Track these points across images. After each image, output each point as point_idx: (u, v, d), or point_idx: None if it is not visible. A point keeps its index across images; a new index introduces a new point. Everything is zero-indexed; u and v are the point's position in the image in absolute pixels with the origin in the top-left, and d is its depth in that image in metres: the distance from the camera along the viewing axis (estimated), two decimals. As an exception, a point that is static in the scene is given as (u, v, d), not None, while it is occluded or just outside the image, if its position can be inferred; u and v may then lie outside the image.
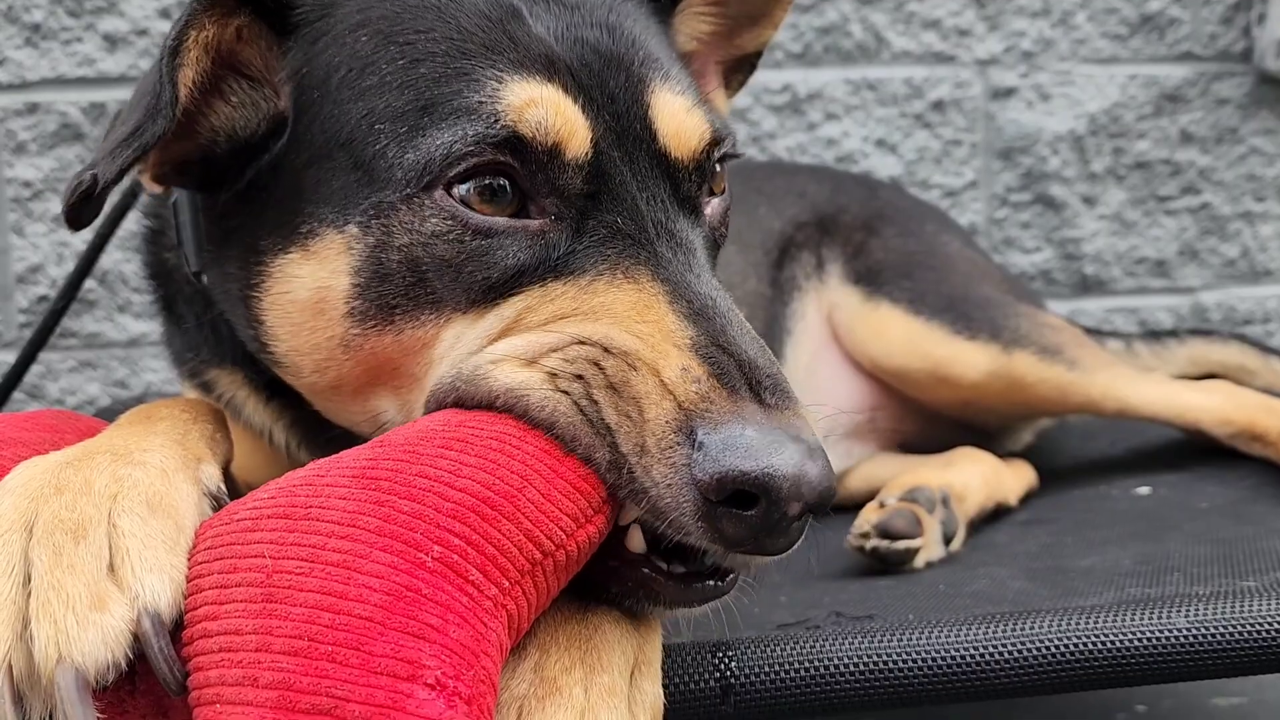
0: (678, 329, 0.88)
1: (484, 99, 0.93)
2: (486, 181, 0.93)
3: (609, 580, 0.89)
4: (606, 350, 0.87)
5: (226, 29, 0.99)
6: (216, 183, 1.04)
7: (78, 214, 0.95)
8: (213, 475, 0.91)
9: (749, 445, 0.81)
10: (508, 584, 0.78)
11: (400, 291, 0.95)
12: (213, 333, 1.19)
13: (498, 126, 0.92)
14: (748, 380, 0.86)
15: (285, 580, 0.73)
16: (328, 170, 0.98)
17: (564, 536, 0.81)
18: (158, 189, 1.09)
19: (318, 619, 0.71)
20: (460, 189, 0.93)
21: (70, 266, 2.24)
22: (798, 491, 0.80)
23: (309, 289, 0.98)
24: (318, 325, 0.99)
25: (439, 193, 0.93)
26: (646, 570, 0.88)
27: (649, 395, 0.85)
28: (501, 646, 0.77)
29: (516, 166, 0.93)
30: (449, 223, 0.93)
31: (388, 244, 0.94)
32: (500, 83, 0.94)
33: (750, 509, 0.81)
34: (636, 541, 0.88)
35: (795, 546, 0.85)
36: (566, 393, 0.86)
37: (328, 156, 0.98)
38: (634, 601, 0.89)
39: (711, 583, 0.89)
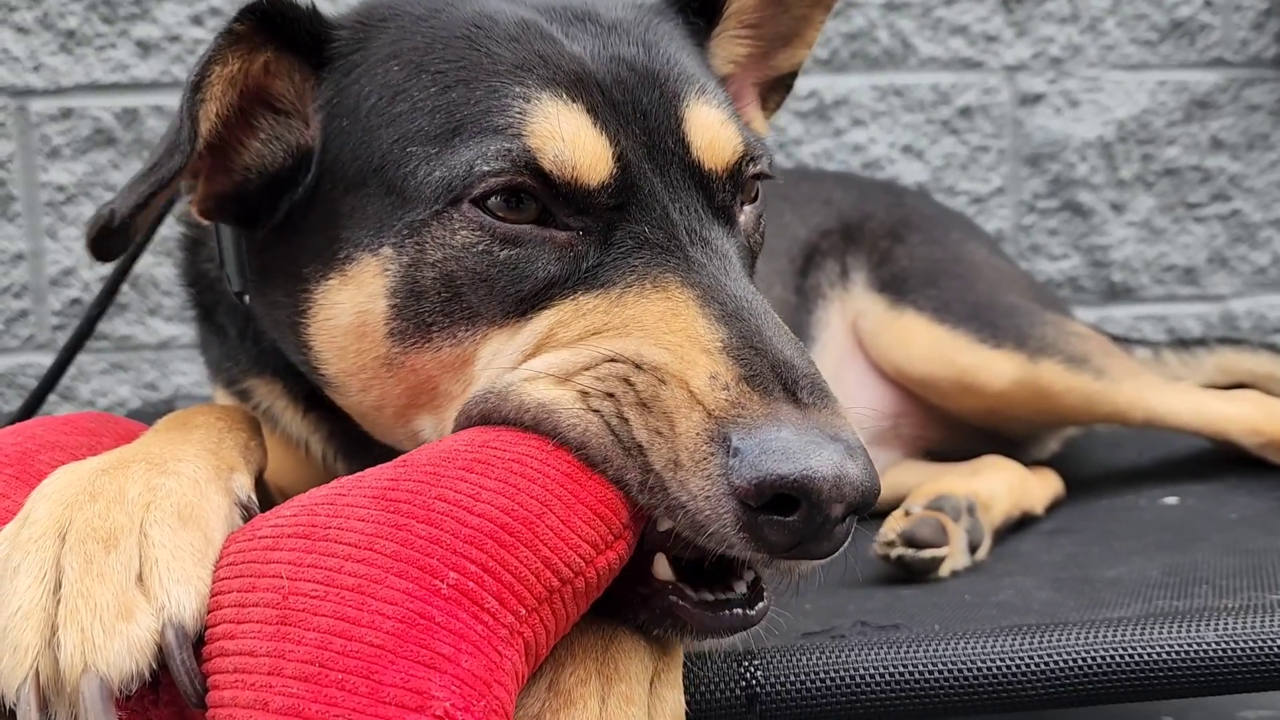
0: (706, 333, 0.88)
1: (509, 120, 0.94)
2: (510, 194, 0.94)
3: (637, 609, 0.88)
4: (638, 366, 0.87)
5: (253, 63, 1.01)
6: (253, 218, 1.06)
7: (101, 247, 0.97)
8: (244, 485, 0.92)
9: (785, 447, 0.79)
10: (524, 611, 0.77)
11: (436, 308, 0.96)
12: (254, 343, 1.20)
13: (520, 147, 0.93)
14: (782, 380, 0.84)
15: (300, 603, 0.73)
16: (361, 197, 0.99)
17: (583, 564, 0.81)
18: (206, 223, 1.12)
19: (330, 645, 0.71)
20: (486, 201, 0.94)
21: (103, 270, 2.27)
22: (839, 492, 0.79)
23: (350, 313, 1.00)
24: (361, 347, 1.00)
25: (466, 205, 0.94)
26: (674, 598, 0.87)
27: (679, 409, 0.84)
28: (517, 674, 0.77)
29: (537, 187, 0.94)
30: (478, 234, 0.94)
31: (421, 261, 0.95)
32: (527, 101, 0.95)
33: (791, 514, 0.79)
34: (663, 569, 0.87)
35: (842, 549, 0.84)
36: (598, 412, 0.86)
37: (361, 183, 1.00)
38: (662, 630, 0.88)
39: (740, 611, 0.88)
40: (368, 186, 0.99)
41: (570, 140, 0.94)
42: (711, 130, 1.01)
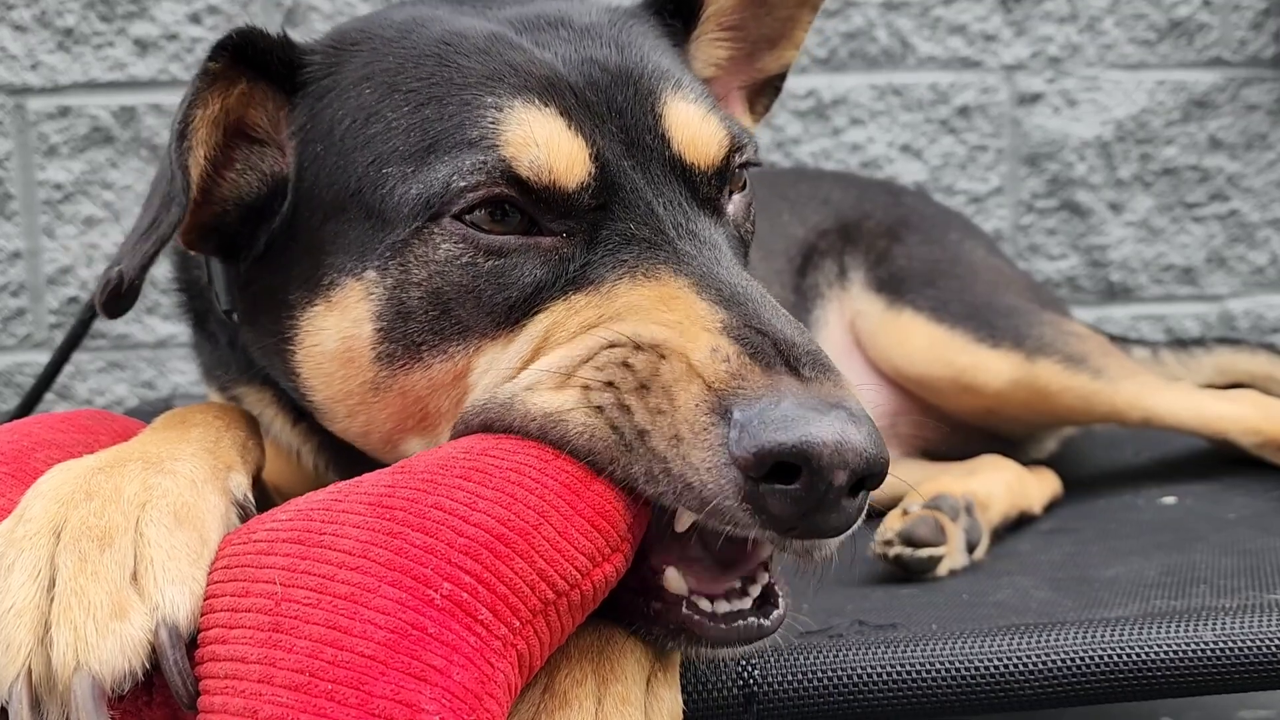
0: (708, 314, 0.87)
1: (483, 131, 0.94)
2: (492, 207, 0.94)
3: (651, 624, 0.88)
4: (636, 346, 0.86)
5: (230, 97, 1.01)
6: (234, 250, 1.06)
7: (112, 307, 0.97)
8: (241, 484, 0.91)
9: (785, 416, 0.78)
10: (518, 624, 0.77)
11: (425, 327, 0.95)
12: (243, 352, 1.19)
13: (495, 158, 0.93)
14: (784, 356, 0.83)
15: (293, 610, 0.73)
16: (342, 222, 0.99)
17: (579, 576, 0.80)
18: (192, 253, 1.12)
19: (321, 654, 0.71)
20: (468, 215, 0.94)
21: (100, 268, 2.27)
22: (841, 458, 0.77)
23: (336, 339, 0.99)
24: (349, 373, 1.00)
25: (446, 220, 0.94)
26: (688, 612, 0.86)
27: (678, 381, 0.83)
28: (510, 687, 0.76)
29: (517, 196, 0.94)
30: (460, 246, 0.94)
31: (406, 281, 0.95)
32: (499, 110, 0.95)
33: (793, 482, 0.78)
34: (675, 583, 0.87)
35: (854, 527, 0.83)
36: (600, 409, 0.85)
37: (340, 208, 0.99)
38: (676, 644, 0.88)
39: (755, 620, 0.87)
40: (347, 211, 0.99)
41: (545, 144, 0.93)
42: (693, 126, 1.00)
